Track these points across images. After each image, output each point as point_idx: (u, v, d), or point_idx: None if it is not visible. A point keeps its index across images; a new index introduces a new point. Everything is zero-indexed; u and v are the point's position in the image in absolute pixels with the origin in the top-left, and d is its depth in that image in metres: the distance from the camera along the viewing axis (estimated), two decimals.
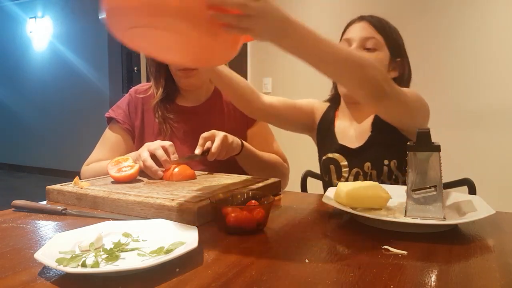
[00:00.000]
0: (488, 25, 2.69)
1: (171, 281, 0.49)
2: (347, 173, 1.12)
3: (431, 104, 1.08)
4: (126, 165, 1.00)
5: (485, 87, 2.75)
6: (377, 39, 1.10)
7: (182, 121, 1.27)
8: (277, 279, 0.50)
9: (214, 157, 1.05)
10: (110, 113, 1.29)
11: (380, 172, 1.07)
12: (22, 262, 0.56)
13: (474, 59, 2.75)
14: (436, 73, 2.82)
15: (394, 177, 1.08)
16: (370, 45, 1.09)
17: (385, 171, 1.07)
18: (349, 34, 1.13)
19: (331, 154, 1.16)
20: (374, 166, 1.08)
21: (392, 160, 1.07)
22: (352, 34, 1.12)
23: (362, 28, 1.11)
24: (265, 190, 0.93)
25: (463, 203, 0.78)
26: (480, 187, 1.22)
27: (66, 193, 0.90)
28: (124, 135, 1.27)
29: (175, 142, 1.22)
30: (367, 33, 1.10)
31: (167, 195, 0.81)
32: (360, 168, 1.10)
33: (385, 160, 1.07)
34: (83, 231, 0.63)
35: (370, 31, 1.11)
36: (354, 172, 1.11)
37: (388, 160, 1.07)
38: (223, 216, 0.68)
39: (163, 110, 1.25)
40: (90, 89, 4.99)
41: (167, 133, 1.24)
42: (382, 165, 1.07)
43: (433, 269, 0.54)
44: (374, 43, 1.10)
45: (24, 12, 5.62)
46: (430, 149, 0.71)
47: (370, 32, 1.10)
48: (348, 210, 0.73)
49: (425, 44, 2.82)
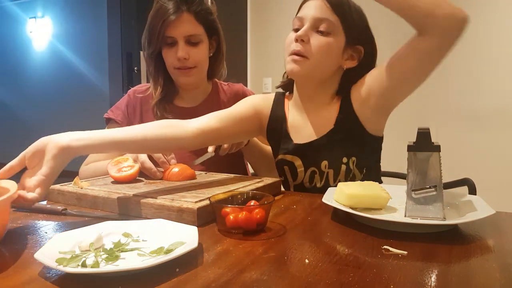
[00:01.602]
0: (489, 25, 2.69)
1: (171, 281, 0.49)
2: (303, 173, 1.05)
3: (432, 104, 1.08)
4: (126, 165, 1.00)
5: (485, 87, 2.75)
6: (331, 21, 0.97)
7: None
8: (277, 279, 0.50)
9: (226, 152, 1.09)
10: (109, 113, 1.29)
11: (338, 171, 1.01)
12: (22, 262, 0.56)
13: (474, 59, 2.75)
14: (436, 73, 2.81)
15: (352, 175, 1.01)
16: (323, 27, 0.97)
17: (343, 170, 1.00)
18: (303, 11, 1.01)
19: (284, 155, 1.08)
20: (332, 165, 1.01)
21: (351, 157, 1.00)
22: (305, 12, 1.00)
23: (317, 6, 0.98)
24: (265, 190, 0.93)
25: (463, 203, 0.78)
26: (480, 187, 1.22)
27: (66, 193, 0.90)
28: None
29: None
30: (321, 13, 0.97)
31: (167, 195, 0.81)
32: (317, 167, 1.03)
33: (343, 158, 1.00)
34: (83, 231, 0.63)
35: (325, 10, 0.97)
36: (309, 172, 1.04)
37: (347, 158, 1.00)
38: (223, 216, 0.68)
39: (162, 110, 1.25)
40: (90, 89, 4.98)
41: None
42: (340, 164, 1.00)
43: (433, 269, 0.54)
44: (328, 26, 0.97)
45: (24, 12, 5.62)
46: (430, 149, 0.71)
47: (325, 12, 0.97)
48: (348, 210, 0.73)
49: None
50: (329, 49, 0.98)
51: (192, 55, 1.20)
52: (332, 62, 1.01)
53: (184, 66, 1.21)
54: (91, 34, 4.90)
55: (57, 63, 5.36)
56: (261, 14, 3.44)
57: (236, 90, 1.39)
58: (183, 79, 1.24)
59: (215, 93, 1.34)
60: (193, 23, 1.19)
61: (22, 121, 5.84)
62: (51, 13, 5.40)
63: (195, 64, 1.22)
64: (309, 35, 0.98)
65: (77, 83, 5.14)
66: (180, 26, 1.17)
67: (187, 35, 1.18)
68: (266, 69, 3.45)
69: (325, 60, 0.99)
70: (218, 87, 1.37)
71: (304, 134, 1.06)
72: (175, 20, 1.16)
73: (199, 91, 1.32)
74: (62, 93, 5.35)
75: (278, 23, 3.37)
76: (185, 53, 1.18)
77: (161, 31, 1.17)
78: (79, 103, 5.17)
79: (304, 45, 0.98)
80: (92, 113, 4.82)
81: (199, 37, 1.20)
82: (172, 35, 1.18)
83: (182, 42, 1.18)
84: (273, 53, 3.39)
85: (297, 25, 1.01)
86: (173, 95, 1.30)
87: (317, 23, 0.98)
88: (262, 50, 3.42)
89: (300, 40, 0.97)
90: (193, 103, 1.31)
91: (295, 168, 1.06)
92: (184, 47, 1.18)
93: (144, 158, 1.01)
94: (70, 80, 5.23)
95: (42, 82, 5.53)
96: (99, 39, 4.67)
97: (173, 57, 1.19)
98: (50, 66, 5.46)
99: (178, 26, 1.17)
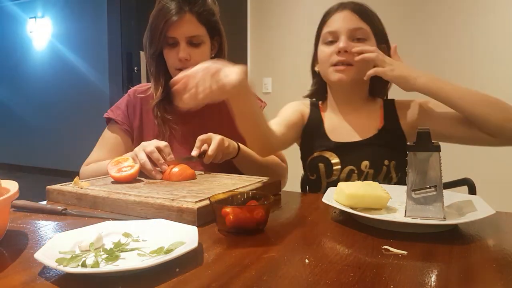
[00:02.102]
0: (489, 25, 2.69)
1: (171, 281, 0.49)
2: (339, 171, 1.09)
3: None
4: (126, 165, 1.00)
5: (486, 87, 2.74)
6: (364, 28, 1.06)
7: (181, 123, 1.27)
8: (277, 279, 0.50)
9: (210, 160, 1.05)
10: (109, 113, 1.29)
11: (378, 172, 1.06)
12: (22, 262, 0.56)
13: (474, 59, 2.75)
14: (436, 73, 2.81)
15: (389, 177, 1.07)
16: (360, 35, 1.06)
17: (384, 171, 1.06)
18: (333, 25, 1.08)
19: (320, 152, 1.12)
20: (373, 165, 1.07)
21: (392, 160, 1.06)
22: (337, 26, 1.07)
23: (348, 18, 1.07)
24: (265, 190, 0.93)
25: (463, 203, 0.78)
26: (480, 187, 1.22)
27: (66, 193, 0.90)
28: (123, 136, 1.27)
29: (174, 143, 1.22)
30: (354, 24, 1.06)
31: (167, 195, 0.81)
32: (356, 166, 1.08)
33: (385, 160, 1.06)
34: (83, 231, 0.63)
35: (355, 20, 1.06)
36: (347, 170, 1.08)
37: (388, 160, 1.06)
38: (223, 216, 0.67)
39: (162, 111, 1.25)
40: (90, 89, 4.99)
41: (166, 134, 1.24)
42: (382, 165, 1.06)
43: (433, 269, 0.54)
44: (363, 33, 1.06)
45: (24, 12, 5.62)
46: (430, 149, 0.71)
47: (356, 22, 1.06)
48: (348, 210, 0.73)
49: (424, 44, 2.82)
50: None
51: (194, 56, 1.19)
52: (370, 65, 1.05)
53: (185, 67, 1.20)
54: (91, 34, 4.90)
55: (57, 63, 5.36)
56: (261, 14, 3.44)
57: None
58: None
59: None
60: (195, 24, 1.19)
61: (22, 121, 5.85)
62: (51, 13, 5.40)
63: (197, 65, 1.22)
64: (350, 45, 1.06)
65: (77, 83, 5.14)
66: (182, 26, 1.17)
67: (189, 36, 1.18)
68: (266, 69, 3.45)
69: (365, 64, 1.04)
70: None
71: (343, 134, 1.13)
72: (177, 20, 1.15)
73: None
74: (62, 93, 5.35)
75: (278, 24, 3.37)
76: (187, 54, 1.18)
77: (163, 31, 1.16)
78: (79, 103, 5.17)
79: (347, 55, 1.06)
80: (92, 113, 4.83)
81: (201, 38, 1.20)
82: (174, 35, 1.17)
83: (183, 43, 1.18)
84: (273, 53, 3.40)
85: (330, 38, 1.09)
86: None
87: (353, 33, 1.06)
88: (262, 50, 3.43)
89: (344, 51, 1.05)
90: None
91: (331, 165, 1.10)
92: (186, 48, 1.18)
93: (144, 160, 1.01)
94: (70, 80, 5.24)
95: (42, 82, 5.54)
96: (99, 39, 4.67)
97: (175, 57, 1.19)
98: (50, 66, 5.46)
99: (180, 26, 1.17)
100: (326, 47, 1.10)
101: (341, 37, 1.06)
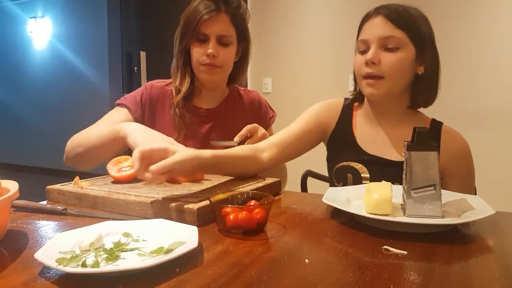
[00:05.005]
0: (492, 24, 2.69)
1: (171, 281, 0.49)
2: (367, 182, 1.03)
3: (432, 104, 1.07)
4: (126, 165, 1.00)
5: (486, 87, 2.75)
6: (397, 37, 0.96)
7: (197, 122, 1.28)
8: (277, 279, 0.50)
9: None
10: (122, 100, 1.27)
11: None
12: (22, 262, 0.56)
13: (475, 59, 2.75)
14: None
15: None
16: (391, 44, 0.96)
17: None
18: (365, 34, 1.01)
19: (349, 163, 1.06)
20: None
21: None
22: (368, 34, 0.99)
23: (379, 25, 0.97)
24: (265, 190, 0.93)
25: (463, 203, 0.78)
26: (480, 187, 1.22)
27: (66, 193, 0.90)
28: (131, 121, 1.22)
29: (188, 141, 1.23)
30: (385, 32, 0.96)
31: (168, 195, 0.81)
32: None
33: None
34: (83, 231, 0.63)
35: (387, 28, 0.96)
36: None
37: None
38: (223, 216, 0.68)
39: (181, 108, 1.26)
40: (90, 89, 4.98)
41: (182, 132, 1.25)
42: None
43: (433, 269, 0.54)
44: (395, 42, 0.96)
45: (24, 12, 5.62)
46: (429, 149, 0.72)
47: (388, 30, 0.96)
48: (348, 210, 0.73)
49: None
50: (401, 63, 0.98)
51: (221, 54, 1.22)
52: (407, 74, 1.00)
53: (211, 63, 1.22)
54: (91, 34, 4.90)
55: (57, 63, 5.36)
56: (261, 14, 3.44)
57: (252, 97, 1.42)
58: (207, 76, 1.25)
59: (232, 97, 1.37)
60: (228, 24, 1.22)
61: (22, 121, 5.84)
62: (51, 13, 5.40)
63: (222, 64, 1.24)
64: (379, 55, 0.98)
65: (77, 83, 5.14)
66: (216, 24, 1.20)
67: (220, 35, 1.21)
68: (266, 69, 3.45)
69: (400, 75, 0.99)
70: (235, 92, 1.40)
71: (377, 147, 1.06)
72: (212, 17, 1.18)
73: (218, 93, 1.34)
74: (62, 93, 5.35)
75: (278, 24, 3.37)
76: (215, 51, 1.20)
77: (196, 27, 1.19)
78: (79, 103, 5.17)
79: (376, 67, 0.98)
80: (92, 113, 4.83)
81: (230, 38, 1.23)
82: (206, 32, 1.20)
83: (214, 40, 1.21)
84: (273, 53, 3.40)
85: (363, 47, 1.01)
86: (193, 94, 1.31)
87: (383, 41, 0.97)
88: (262, 50, 3.43)
89: (371, 63, 0.98)
90: (210, 105, 1.32)
91: (359, 177, 1.05)
92: (215, 45, 1.21)
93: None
94: (70, 80, 5.23)
95: (42, 82, 5.53)
96: (99, 39, 4.67)
97: (202, 53, 1.21)
98: (50, 66, 5.46)
99: (214, 24, 1.19)
100: (359, 56, 1.03)
101: (371, 46, 0.98)
